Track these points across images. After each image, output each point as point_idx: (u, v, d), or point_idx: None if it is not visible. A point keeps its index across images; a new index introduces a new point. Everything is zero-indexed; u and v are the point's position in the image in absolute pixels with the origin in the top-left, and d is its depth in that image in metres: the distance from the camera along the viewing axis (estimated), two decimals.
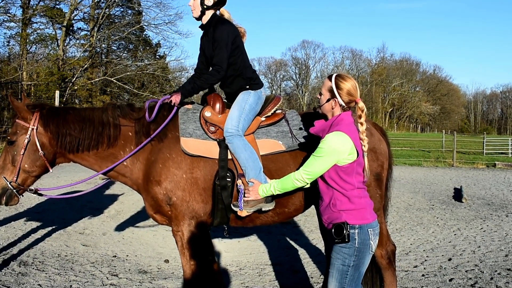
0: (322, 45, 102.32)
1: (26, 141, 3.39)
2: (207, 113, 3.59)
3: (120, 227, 7.48)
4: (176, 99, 3.60)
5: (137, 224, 7.70)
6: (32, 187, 3.55)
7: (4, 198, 3.43)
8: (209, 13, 3.70)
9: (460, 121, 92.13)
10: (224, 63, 3.57)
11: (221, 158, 3.47)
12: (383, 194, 3.86)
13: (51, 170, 3.57)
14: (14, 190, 3.42)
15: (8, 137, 3.47)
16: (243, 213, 3.39)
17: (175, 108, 3.62)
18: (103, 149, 3.54)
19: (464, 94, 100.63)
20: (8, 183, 3.39)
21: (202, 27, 3.80)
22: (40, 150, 3.41)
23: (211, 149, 3.50)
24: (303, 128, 3.66)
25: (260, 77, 3.88)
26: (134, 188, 3.71)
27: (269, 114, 3.73)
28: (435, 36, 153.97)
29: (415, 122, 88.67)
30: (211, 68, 3.74)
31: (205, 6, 3.65)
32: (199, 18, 3.74)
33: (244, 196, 3.27)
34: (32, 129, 3.40)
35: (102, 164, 3.58)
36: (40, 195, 3.69)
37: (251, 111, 3.60)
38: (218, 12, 3.77)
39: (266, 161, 3.54)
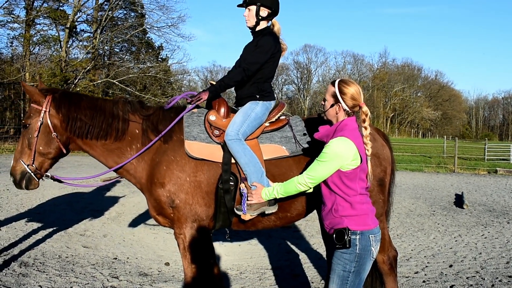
0: (324, 50, 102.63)
1: (39, 123, 3.47)
2: (212, 117, 3.61)
3: (121, 229, 7.49)
4: (204, 96, 3.62)
5: (138, 227, 7.70)
6: (48, 174, 3.63)
7: (24, 182, 3.52)
8: (263, 24, 3.77)
9: (462, 127, 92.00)
10: (255, 66, 3.61)
11: (225, 161, 3.49)
12: (386, 200, 3.86)
13: (64, 151, 3.61)
14: (32, 174, 3.50)
15: (23, 121, 3.56)
16: (247, 216, 3.40)
17: (185, 110, 3.65)
18: (111, 141, 3.59)
19: (466, 100, 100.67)
20: (26, 167, 3.47)
21: (252, 33, 3.85)
22: (53, 131, 3.48)
23: (215, 153, 3.52)
24: (306, 134, 3.68)
25: (274, 93, 3.92)
26: (137, 186, 3.74)
27: (273, 119, 3.76)
28: (437, 42, 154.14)
29: (416, 127, 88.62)
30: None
31: (260, 17, 3.71)
32: (253, 28, 3.80)
33: (247, 200, 3.29)
34: (45, 111, 3.47)
35: (108, 157, 3.64)
36: (59, 181, 3.81)
37: (256, 120, 3.62)
38: (270, 23, 3.84)
39: (270, 166, 3.55)
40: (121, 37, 36.59)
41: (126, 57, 39.87)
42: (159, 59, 39.70)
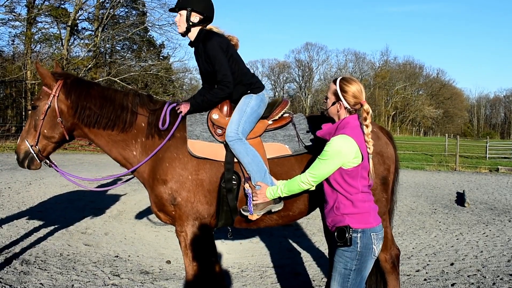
0: (326, 48, 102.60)
1: (46, 106, 3.48)
2: (215, 116, 3.60)
3: (122, 227, 7.50)
4: (184, 109, 3.59)
5: (139, 225, 7.71)
6: (47, 161, 3.66)
7: (27, 161, 3.54)
8: (194, 30, 3.66)
9: (463, 125, 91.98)
10: (229, 76, 3.53)
11: (227, 160, 3.47)
12: (389, 198, 3.84)
13: (67, 138, 3.61)
14: (35, 155, 3.52)
15: (33, 102, 3.59)
16: (254, 216, 3.40)
17: (177, 121, 3.61)
18: (117, 133, 3.59)
19: (467, 98, 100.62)
20: (30, 147, 3.50)
21: (191, 44, 3.75)
22: (58, 116, 3.49)
23: (218, 152, 3.51)
24: (309, 132, 3.65)
25: (260, 80, 3.85)
26: (140, 180, 3.73)
27: (277, 117, 3.72)
28: (438, 40, 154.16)
29: (418, 125, 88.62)
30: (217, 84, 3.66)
31: (190, 23, 3.61)
32: (184, 34, 3.69)
33: (252, 200, 3.28)
34: (54, 96, 3.48)
35: (113, 148, 3.64)
36: (56, 170, 3.80)
37: (252, 114, 3.59)
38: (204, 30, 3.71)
39: (272, 165, 3.54)
40: (123, 35, 36.62)
41: (128, 55, 39.93)
42: (161, 57, 39.73)
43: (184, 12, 3.58)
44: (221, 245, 6.44)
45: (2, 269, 5.09)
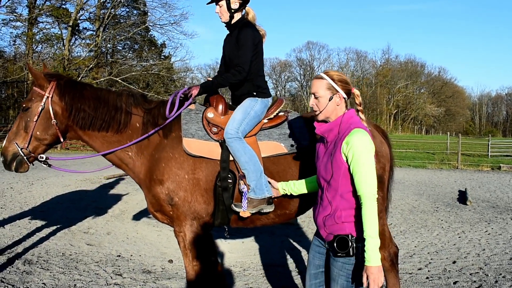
0: (327, 46, 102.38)
1: (40, 108, 3.41)
2: (210, 114, 3.59)
3: (124, 227, 7.51)
4: (194, 91, 3.60)
5: (141, 224, 7.72)
6: (42, 155, 3.53)
7: (14, 164, 3.44)
8: (237, 15, 3.72)
9: (465, 123, 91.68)
10: (247, 64, 3.56)
11: (223, 159, 3.47)
12: (385, 196, 3.87)
13: (62, 140, 3.55)
14: (25, 157, 3.43)
15: (23, 103, 3.50)
16: (246, 214, 3.41)
17: (183, 106, 3.62)
18: (112, 134, 3.55)
19: (469, 96, 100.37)
20: (19, 149, 3.41)
21: (228, 27, 3.80)
22: (53, 118, 3.43)
23: (213, 150, 3.50)
24: (305, 130, 3.65)
25: (269, 88, 3.88)
26: (136, 180, 3.72)
27: (272, 116, 3.73)
28: (440, 38, 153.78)
29: (419, 124, 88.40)
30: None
31: (232, 10, 3.66)
32: (228, 23, 3.75)
33: (247, 200, 3.30)
34: (47, 97, 3.42)
35: (107, 149, 3.60)
36: (49, 165, 3.66)
37: (255, 118, 3.60)
38: (244, 12, 3.79)
39: (268, 163, 3.54)
40: (124, 35, 36.66)
41: (129, 54, 40.00)
42: (162, 57, 39.79)
43: (223, 2, 3.63)
44: (223, 244, 6.45)
45: (5, 269, 5.10)
